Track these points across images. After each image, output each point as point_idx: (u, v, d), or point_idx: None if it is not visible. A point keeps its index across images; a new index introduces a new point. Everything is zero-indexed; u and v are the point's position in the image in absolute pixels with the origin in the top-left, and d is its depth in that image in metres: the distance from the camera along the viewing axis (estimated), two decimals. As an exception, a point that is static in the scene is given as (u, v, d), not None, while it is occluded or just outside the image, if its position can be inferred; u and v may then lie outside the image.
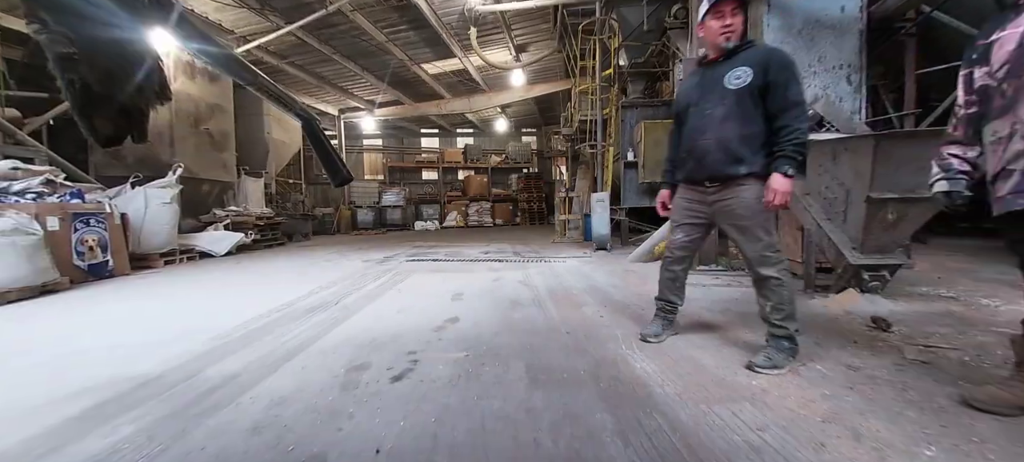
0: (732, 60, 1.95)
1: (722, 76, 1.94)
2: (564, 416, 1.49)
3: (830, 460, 1.21)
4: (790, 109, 1.82)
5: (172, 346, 2.31)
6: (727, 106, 1.92)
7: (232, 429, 1.44)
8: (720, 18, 1.93)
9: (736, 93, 1.90)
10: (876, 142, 2.47)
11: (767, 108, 1.87)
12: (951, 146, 1.61)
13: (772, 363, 1.83)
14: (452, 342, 2.31)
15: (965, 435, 1.32)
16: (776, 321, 1.89)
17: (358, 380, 1.82)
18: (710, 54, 2.04)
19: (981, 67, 1.49)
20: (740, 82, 1.89)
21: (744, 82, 1.88)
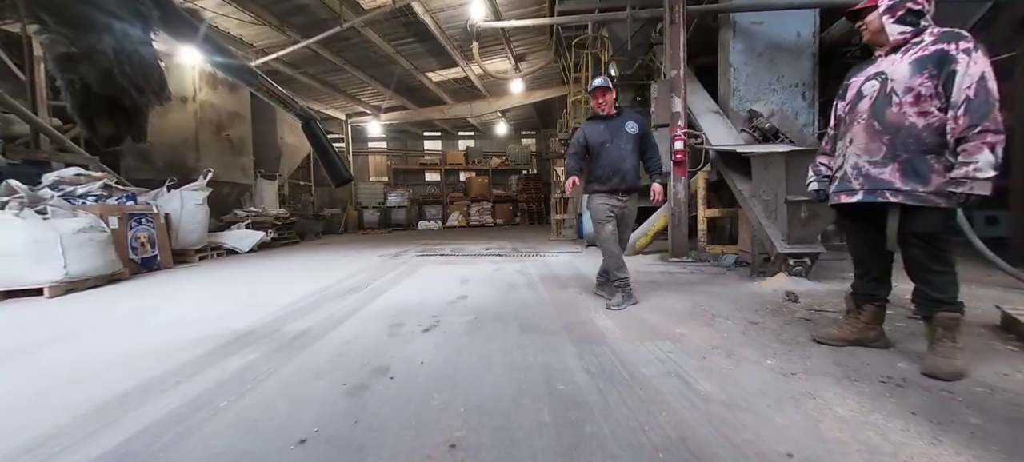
0: (620, 117, 3.18)
1: (622, 126, 3.12)
2: (543, 348, 2.21)
3: (706, 365, 1.93)
4: (654, 149, 3.22)
5: (248, 315, 3.03)
6: (631, 144, 3.11)
7: (321, 355, 2.16)
8: (596, 97, 3.19)
9: (634, 137, 3.12)
10: (786, 156, 3.20)
11: (643, 151, 3.18)
12: (821, 157, 2.30)
13: (618, 302, 3.02)
14: (464, 310, 3.04)
15: (801, 355, 2.04)
16: (619, 276, 3.12)
17: (399, 331, 2.55)
18: (602, 113, 3.21)
19: (840, 102, 2.18)
20: (634, 131, 3.12)
21: (636, 132, 3.12)
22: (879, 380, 1.74)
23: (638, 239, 5.94)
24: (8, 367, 2.15)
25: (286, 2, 8.66)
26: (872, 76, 1.95)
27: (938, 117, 1.75)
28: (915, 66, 1.80)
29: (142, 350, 2.32)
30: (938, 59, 1.75)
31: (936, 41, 1.78)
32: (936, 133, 1.75)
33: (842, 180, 2.04)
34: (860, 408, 1.51)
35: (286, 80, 11.88)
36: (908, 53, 1.84)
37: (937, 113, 1.75)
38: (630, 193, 3.16)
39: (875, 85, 1.92)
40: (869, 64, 2.01)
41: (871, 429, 1.36)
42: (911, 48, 1.84)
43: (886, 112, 1.86)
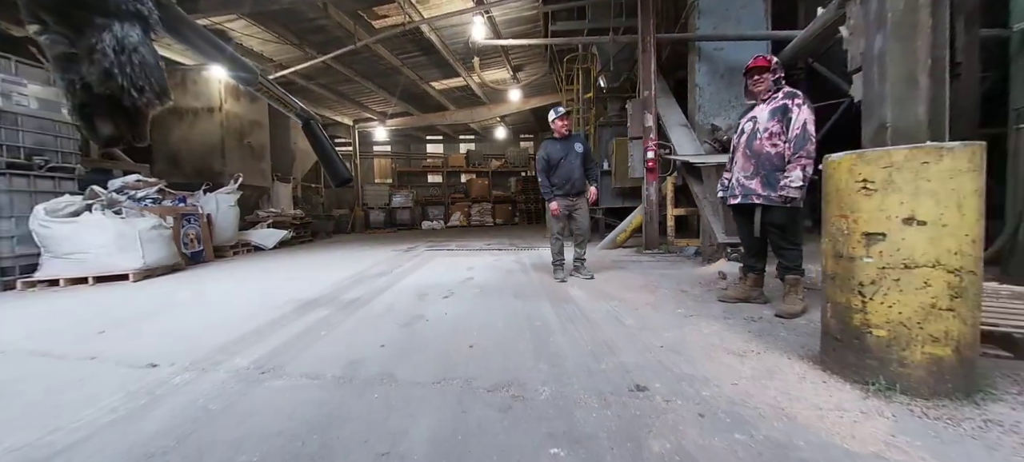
0: (571, 139, 4.17)
1: (572, 145, 4.12)
2: (530, 306, 3.16)
3: (637, 312, 2.88)
4: (593, 162, 4.25)
5: (308, 290, 3.97)
6: (578, 160, 4.12)
7: (375, 311, 3.11)
8: (563, 121, 4.19)
9: (580, 155, 4.12)
10: (715, 166, 4.15)
11: (586, 165, 4.16)
12: (725, 173, 3.25)
13: (587, 277, 4.15)
14: (471, 286, 3.99)
15: (703, 307, 2.99)
16: (581, 258, 4.30)
17: (425, 298, 3.50)
18: (559, 134, 4.18)
19: (733, 135, 3.13)
20: (580, 149, 4.13)
21: (582, 150, 4.13)
22: (743, 319, 2.69)
23: (618, 235, 6.89)
24: (162, 319, 3.10)
25: (306, 23, 9.59)
26: (750, 119, 2.91)
27: (782, 147, 2.70)
28: (771, 113, 2.75)
29: (246, 310, 3.26)
30: (782, 109, 2.70)
31: (783, 97, 2.73)
32: (780, 158, 2.71)
33: (730, 188, 3.00)
34: (719, 329, 2.46)
35: (300, 90, 12.82)
36: (768, 104, 2.80)
37: (781, 144, 2.71)
38: (579, 195, 4.23)
39: (751, 125, 2.88)
40: (748, 110, 2.97)
41: (716, 337, 2.32)
42: (771, 101, 2.80)
43: (754, 143, 2.81)
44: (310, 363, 2.11)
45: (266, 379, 1.94)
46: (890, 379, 1.58)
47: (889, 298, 1.56)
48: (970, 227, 1.48)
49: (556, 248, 4.37)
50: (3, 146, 4.92)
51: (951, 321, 1.49)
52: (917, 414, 1.44)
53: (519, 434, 1.42)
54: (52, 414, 1.67)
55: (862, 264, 1.62)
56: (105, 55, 0.97)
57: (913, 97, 1.67)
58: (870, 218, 1.60)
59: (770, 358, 2.02)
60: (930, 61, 1.67)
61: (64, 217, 5.04)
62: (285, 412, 1.61)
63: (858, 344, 1.65)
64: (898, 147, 1.56)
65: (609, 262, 5.44)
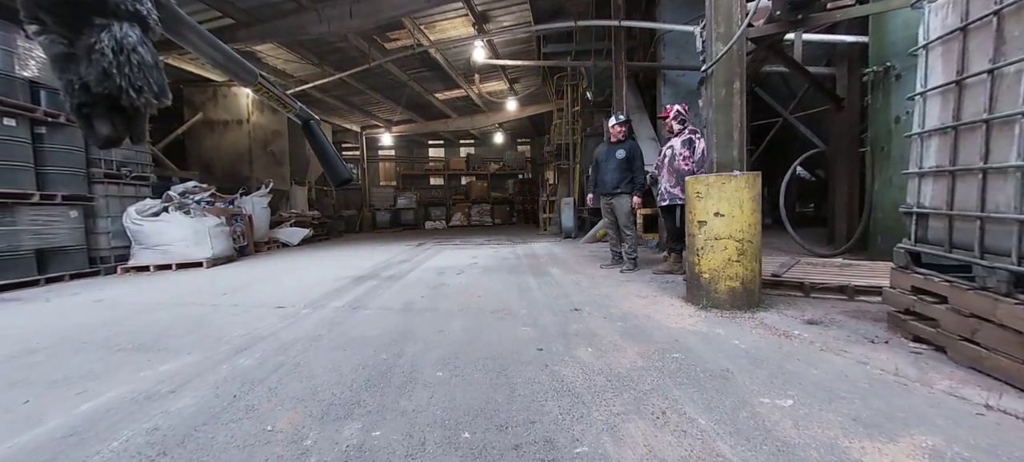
0: (618, 145, 4.72)
1: (615, 150, 4.70)
2: (518, 279, 4.46)
3: (593, 281, 4.17)
4: (638, 169, 4.66)
5: (353, 271, 5.25)
6: (615, 163, 4.68)
7: (409, 281, 4.41)
8: (621, 127, 4.76)
9: (620, 159, 4.66)
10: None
11: (630, 169, 4.65)
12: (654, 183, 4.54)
13: (629, 269, 4.68)
14: (477, 268, 5.29)
15: (639, 279, 4.28)
16: (628, 252, 4.78)
17: (444, 274, 4.81)
18: (611, 138, 4.86)
19: (657, 157, 4.43)
20: (622, 155, 4.66)
21: (622, 157, 4.66)
22: (661, 283, 3.99)
23: (598, 231, 8.20)
24: (259, 288, 4.38)
25: (326, 46, 10.88)
26: (669, 146, 4.23)
27: (691, 165, 4.01)
28: (683, 143, 4.08)
29: (312, 282, 4.55)
30: (689, 140, 4.02)
31: (689, 133, 4.05)
32: (689, 173, 4.01)
33: (660, 195, 4.32)
34: (638, 287, 3.76)
35: (315, 101, 14.08)
36: (680, 136, 4.12)
37: (691, 163, 4.02)
38: (611, 195, 4.72)
39: (671, 150, 4.20)
40: (668, 140, 4.29)
41: (635, 289, 3.62)
42: (682, 133, 4.12)
43: (675, 163, 4.13)
44: (382, 303, 3.41)
45: (359, 311, 3.23)
46: (710, 301, 2.89)
47: (709, 257, 2.87)
48: (748, 217, 2.79)
49: (610, 241, 5.08)
50: (102, 160, 6.19)
51: (738, 268, 2.80)
52: (715, 316, 2.75)
53: (508, 326, 2.71)
54: (243, 325, 2.94)
55: (697, 239, 2.92)
56: (103, 55, 0.96)
57: (729, 146, 2.97)
58: (701, 212, 2.90)
59: (662, 298, 3.32)
60: (740, 124, 2.97)
61: (150, 216, 6.31)
62: (379, 323, 2.90)
63: (697, 283, 2.96)
64: (713, 174, 2.87)
65: (587, 253, 6.74)
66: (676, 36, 7.83)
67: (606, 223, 5.03)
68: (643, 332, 2.50)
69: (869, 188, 4.60)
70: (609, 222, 4.95)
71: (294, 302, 3.60)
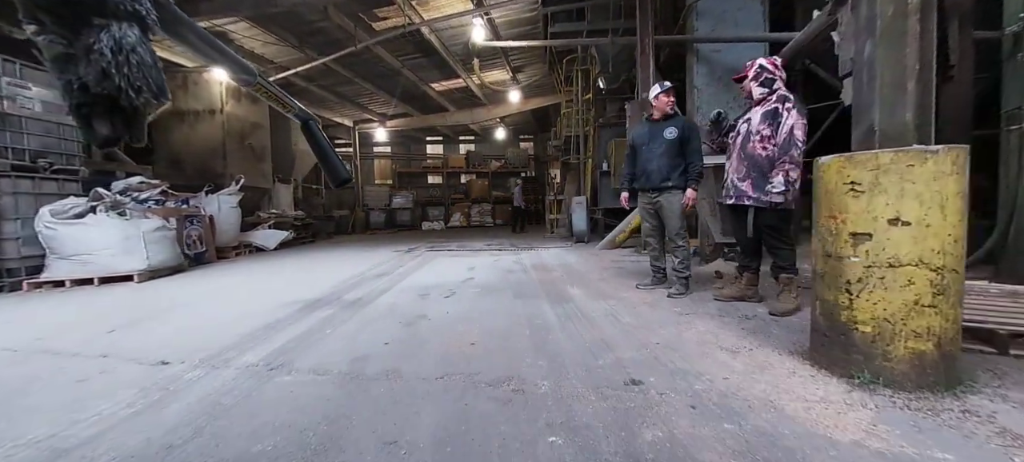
0: (667, 122, 3.47)
1: (662, 129, 3.44)
2: (529, 305, 3.22)
3: (634, 311, 2.94)
4: (694, 153, 3.41)
5: (310, 290, 4.03)
6: (664, 147, 3.41)
7: (378, 310, 3.18)
8: (668, 96, 3.48)
9: (670, 141, 3.40)
10: (713, 168, 4.22)
11: (685, 153, 3.40)
12: None
13: (680, 292, 3.37)
14: (472, 286, 4.05)
15: (699, 306, 3.05)
16: (679, 268, 3.46)
17: (427, 297, 3.57)
18: (655, 115, 3.53)
19: (731, 133, 3.17)
20: (671, 135, 3.41)
21: (673, 136, 3.40)
22: (737, 316, 2.75)
23: (617, 235, 6.96)
24: (151, 325, 3.16)
25: (305, 25, 9.66)
26: (745, 120, 2.97)
27: (772, 150, 2.77)
28: (763, 116, 2.82)
29: (247, 310, 3.33)
30: (773, 113, 2.77)
31: (776, 101, 2.79)
32: (770, 161, 2.77)
33: (725, 189, 3.06)
34: (712, 327, 2.52)
35: (301, 91, 12.89)
36: (762, 106, 2.86)
37: (771, 148, 2.77)
38: (658, 191, 3.47)
39: (745, 127, 2.94)
40: (746, 112, 3.03)
41: (710, 334, 2.38)
42: (764, 103, 2.86)
43: (747, 146, 2.88)
44: (318, 358, 2.17)
45: (274, 376, 2.00)
46: (874, 373, 1.64)
47: (874, 296, 1.63)
48: (953, 227, 1.55)
49: (650, 253, 3.77)
50: (8, 149, 4.98)
51: (933, 317, 1.56)
52: (899, 406, 1.51)
53: (519, 429, 1.48)
54: (69, 410, 1.72)
55: (849, 263, 1.68)
56: (102, 55, 0.97)
57: (901, 102, 1.73)
58: (857, 219, 1.66)
59: (761, 354, 2.08)
60: (918, 66, 1.73)
61: (69, 219, 5.10)
62: (292, 411, 1.67)
63: (845, 340, 1.72)
64: (885, 150, 1.63)
65: (608, 262, 5.50)
66: (711, 4, 6.59)
67: (647, 230, 3.76)
68: (783, 455, 1.27)
69: (1011, 184, 3.35)
70: (650, 228, 3.70)
71: (193, 350, 2.37)
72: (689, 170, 3.42)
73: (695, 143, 3.44)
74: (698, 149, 3.45)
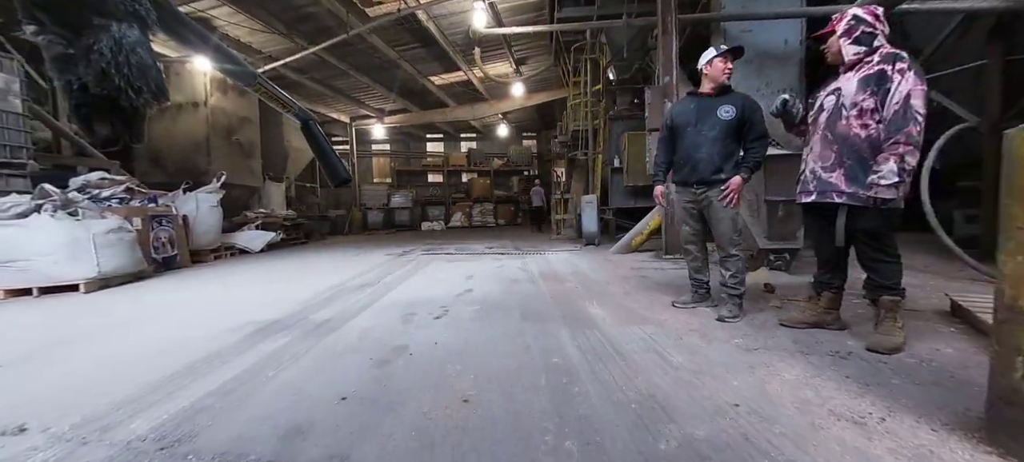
0: (721, 98, 2.68)
1: (715, 108, 2.66)
2: (542, 332, 2.51)
3: (682, 343, 2.22)
4: (758, 139, 2.67)
5: (274, 307, 3.34)
6: (717, 130, 2.65)
7: (346, 339, 2.47)
8: (725, 62, 2.67)
9: (725, 122, 2.64)
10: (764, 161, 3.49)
11: (744, 137, 2.67)
12: None
13: (733, 314, 2.61)
14: (470, 301, 3.34)
15: (766, 335, 2.33)
16: (732, 284, 2.68)
17: (412, 319, 2.85)
18: (706, 89, 2.74)
19: (809, 113, 2.40)
20: (728, 115, 2.63)
21: (730, 115, 2.63)
22: (827, 354, 2.03)
23: (633, 238, 6.23)
24: (76, 349, 2.46)
25: (294, 10, 8.96)
26: (831, 92, 2.24)
27: (876, 129, 2.04)
28: (861, 83, 2.09)
29: (192, 334, 2.63)
30: (878, 77, 2.04)
31: (880, 61, 2.07)
32: (873, 143, 2.04)
33: (803, 182, 2.33)
34: (804, 374, 1.80)
35: (292, 85, 12.21)
36: (858, 71, 2.13)
37: (875, 125, 2.04)
38: (706, 185, 2.71)
39: (832, 100, 2.22)
40: (834, 80, 2.29)
41: (808, 388, 1.66)
42: (862, 66, 2.13)
43: (837, 124, 2.15)
44: (231, 438, 1.46)
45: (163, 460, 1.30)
46: None
47: None
48: None
49: (690, 263, 3.01)
50: (-64, 139, 4.31)
51: None
52: None
53: None
54: None
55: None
56: (102, 56, 1.00)
57: None
58: None
59: (903, 428, 1.36)
60: None
61: (8, 219, 4.42)
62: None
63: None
64: None
65: (627, 270, 4.78)
66: (741, -21, 5.86)
67: (687, 234, 2.98)
68: None
69: None
70: (691, 232, 2.93)
71: (74, 407, 1.68)
72: (746, 158, 2.68)
73: (759, 127, 2.66)
74: (762, 134, 2.68)
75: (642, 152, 7.68)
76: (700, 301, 2.98)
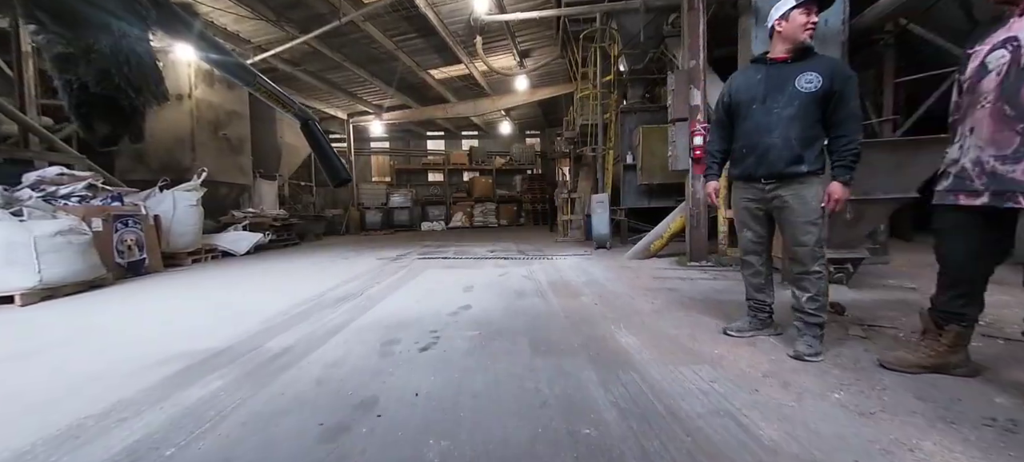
0: (800, 64, 2.01)
1: (792, 77, 1.99)
2: (560, 374, 1.88)
3: (760, 399, 1.59)
4: (852, 120, 1.95)
5: (226, 328, 2.72)
6: (796, 107, 1.98)
7: (300, 382, 1.85)
8: (808, 14, 1.96)
9: (806, 96, 1.96)
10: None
11: (831, 115, 1.98)
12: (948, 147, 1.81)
13: (814, 350, 1.97)
14: (467, 324, 2.71)
15: (871, 385, 1.69)
16: (811, 310, 2.02)
17: (392, 350, 2.23)
18: (779, 53, 2.08)
19: (961, 76, 1.72)
20: (811, 85, 1.95)
21: (814, 87, 1.95)
22: (981, 422, 1.39)
23: (653, 241, 5.59)
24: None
25: (282, -6, 8.37)
26: (1001, 44, 1.55)
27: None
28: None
29: (110, 369, 2.01)
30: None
31: None
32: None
33: (959, 177, 1.65)
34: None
35: (286, 78, 11.63)
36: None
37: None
38: (779, 180, 2.05)
39: (1005, 56, 1.53)
40: (997, 27, 1.60)
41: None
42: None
43: (1020, 92, 1.49)
44: None
45: None
46: None
47: None
48: None
49: (749, 280, 2.34)
50: None
51: None
52: None
53: None
54: None
55: None
56: (102, 56, 1.00)
57: None
58: None
59: None
60: None
61: (-65, 220, 3.83)
62: None
63: None
64: None
65: (649, 279, 4.15)
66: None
67: (748, 242, 2.29)
68: None
69: None
70: (753, 239, 2.27)
71: None
72: (838, 148, 1.99)
73: (853, 103, 1.97)
74: (857, 112, 1.99)
75: (659, 147, 7.05)
76: (759, 328, 2.35)
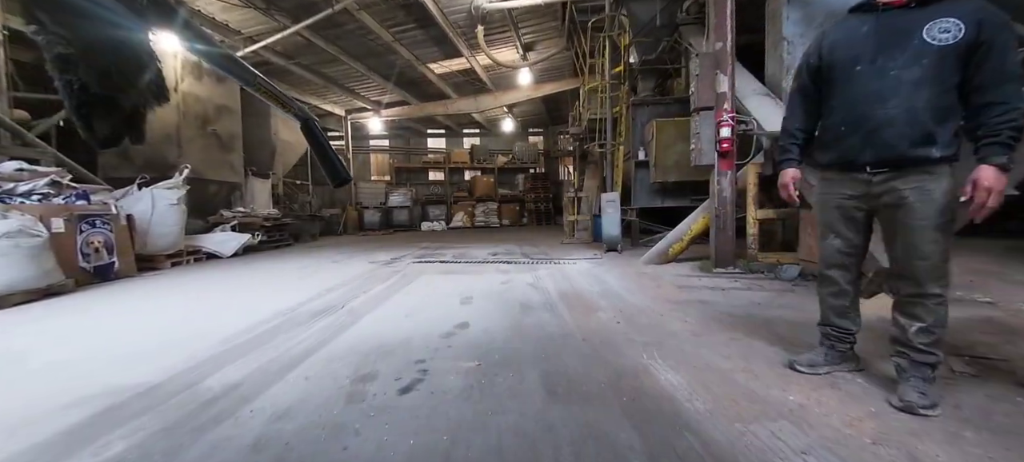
0: (930, 8, 1.47)
1: (918, 26, 1.46)
2: (585, 435, 1.37)
3: (888, 489, 1.08)
4: (1008, 82, 1.37)
5: (173, 352, 2.23)
6: (924, 68, 1.44)
7: (231, 446, 1.34)
8: None
9: (940, 51, 1.42)
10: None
11: (973, 77, 1.41)
12: None
13: (929, 400, 1.45)
14: (463, 350, 2.20)
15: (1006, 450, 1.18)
16: (924, 346, 1.52)
17: (364, 391, 1.72)
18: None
19: None
20: (948, 36, 1.41)
21: (953, 38, 1.40)
22: None
23: (672, 244, 5.07)
24: None
25: (271, -19, 7.89)
26: None
27: None
28: None
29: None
30: None
31: None
32: None
33: None
34: None
35: (280, 72, 11.16)
36: None
37: None
38: (896, 167, 1.52)
39: None
40: None
41: None
42: None
43: None
44: None
45: None
46: None
47: None
48: None
49: (830, 301, 1.83)
50: None
51: None
52: None
53: None
54: None
55: None
56: (102, 55, 1.05)
57: None
58: None
59: None
60: None
61: None
62: None
63: None
64: None
65: (672, 288, 3.63)
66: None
67: (832, 253, 1.78)
68: None
69: None
70: (842, 248, 1.75)
71: None
72: (987, 119, 1.39)
73: (1009, 58, 1.38)
74: (1014, 72, 1.37)
75: (674, 142, 6.53)
76: (836, 363, 1.82)
